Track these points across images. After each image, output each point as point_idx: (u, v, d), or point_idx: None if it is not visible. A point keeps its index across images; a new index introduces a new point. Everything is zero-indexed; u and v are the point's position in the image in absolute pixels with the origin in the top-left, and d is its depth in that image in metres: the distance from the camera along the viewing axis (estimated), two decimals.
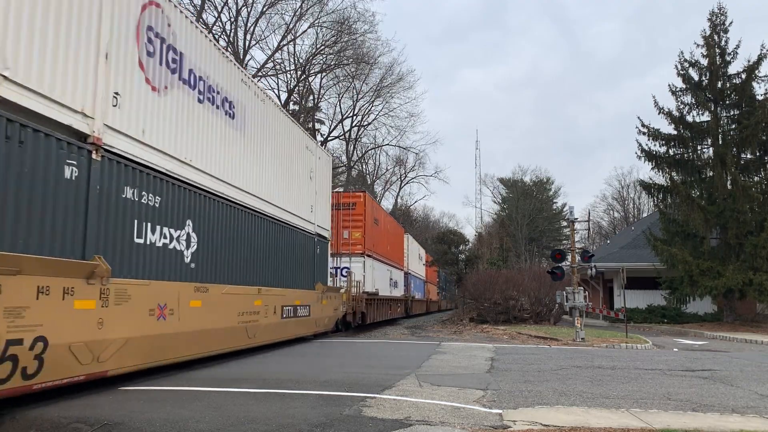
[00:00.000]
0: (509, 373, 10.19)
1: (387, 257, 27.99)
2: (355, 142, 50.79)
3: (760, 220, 26.20)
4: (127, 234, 8.30)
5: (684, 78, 29.64)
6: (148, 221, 8.83)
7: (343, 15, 36.84)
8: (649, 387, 8.86)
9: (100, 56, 7.75)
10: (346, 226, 22.92)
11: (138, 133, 8.64)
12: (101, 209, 7.71)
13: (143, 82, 8.83)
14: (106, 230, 7.80)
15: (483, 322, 26.26)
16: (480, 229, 72.53)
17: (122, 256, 8.13)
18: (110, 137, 7.98)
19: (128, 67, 8.45)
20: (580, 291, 19.27)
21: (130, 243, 8.34)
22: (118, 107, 8.18)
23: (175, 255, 9.60)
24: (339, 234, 22.49)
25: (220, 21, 32.99)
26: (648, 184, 31.22)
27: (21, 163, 6.40)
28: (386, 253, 27.85)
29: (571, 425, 6.03)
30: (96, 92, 7.68)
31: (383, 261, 26.91)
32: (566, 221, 31.63)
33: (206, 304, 10.23)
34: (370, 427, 5.74)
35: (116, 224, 8.05)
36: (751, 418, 6.66)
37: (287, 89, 39.48)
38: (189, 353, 9.79)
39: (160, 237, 9.16)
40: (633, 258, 31.84)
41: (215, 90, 11.26)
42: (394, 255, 30.40)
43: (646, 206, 65.12)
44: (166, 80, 9.47)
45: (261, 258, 13.29)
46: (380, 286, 25.44)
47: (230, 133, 11.96)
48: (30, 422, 5.83)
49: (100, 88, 7.75)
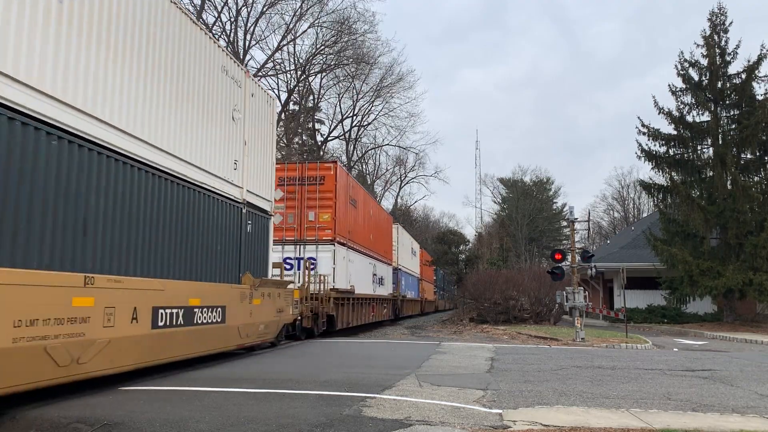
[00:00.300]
0: (509, 373, 10.19)
1: (370, 248, 24.16)
2: (355, 142, 50.85)
3: (760, 220, 26.20)
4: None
5: (684, 78, 29.64)
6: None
7: (343, 15, 36.92)
8: (649, 387, 8.86)
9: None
10: (311, 206, 18.64)
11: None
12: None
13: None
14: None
15: (483, 322, 26.26)
16: (480, 229, 72.63)
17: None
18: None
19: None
20: (580, 291, 19.26)
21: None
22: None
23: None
24: (303, 216, 18.58)
25: (220, 21, 33.03)
26: (648, 184, 31.23)
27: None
28: (368, 244, 23.91)
29: (571, 425, 6.03)
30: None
31: (364, 252, 23.00)
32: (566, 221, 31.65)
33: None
34: (370, 427, 5.74)
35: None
36: (751, 418, 6.66)
37: (287, 89, 39.53)
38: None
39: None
40: (633, 258, 31.83)
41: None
42: (379, 246, 26.51)
43: (646, 206, 65.18)
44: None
45: (118, 228, 8.05)
46: (358, 282, 21.53)
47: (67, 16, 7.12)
48: (30, 422, 5.83)
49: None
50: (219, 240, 11.15)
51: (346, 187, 20.40)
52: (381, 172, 60.73)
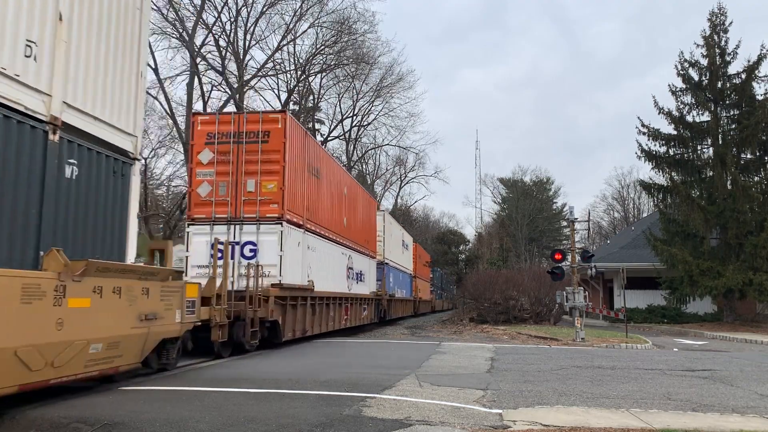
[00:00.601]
0: (509, 373, 10.19)
1: (343, 235, 19.60)
2: (355, 142, 50.80)
3: (760, 220, 26.21)
4: None
5: (684, 78, 29.65)
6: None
7: (343, 15, 36.85)
8: (649, 387, 8.86)
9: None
10: (251, 172, 13.83)
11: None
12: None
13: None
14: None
15: (483, 322, 26.27)
16: (480, 229, 72.72)
17: None
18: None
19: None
20: (580, 291, 19.26)
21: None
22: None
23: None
24: (239, 185, 13.80)
25: (220, 21, 32.99)
26: (648, 184, 31.25)
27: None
28: (340, 229, 19.33)
29: (571, 425, 6.03)
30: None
31: (332, 239, 18.31)
32: (566, 221, 31.65)
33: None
34: (370, 427, 5.74)
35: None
36: (751, 418, 6.66)
37: (287, 89, 39.49)
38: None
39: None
40: (633, 258, 31.83)
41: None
42: (358, 235, 21.88)
43: (646, 206, 65.16)
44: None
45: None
46: (322, 276, 16.72)
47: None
48: (30, 422, 5.83)
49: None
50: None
51: (302, 149, 15.28)
52: (381, 172, 60.66)
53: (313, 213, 16.21)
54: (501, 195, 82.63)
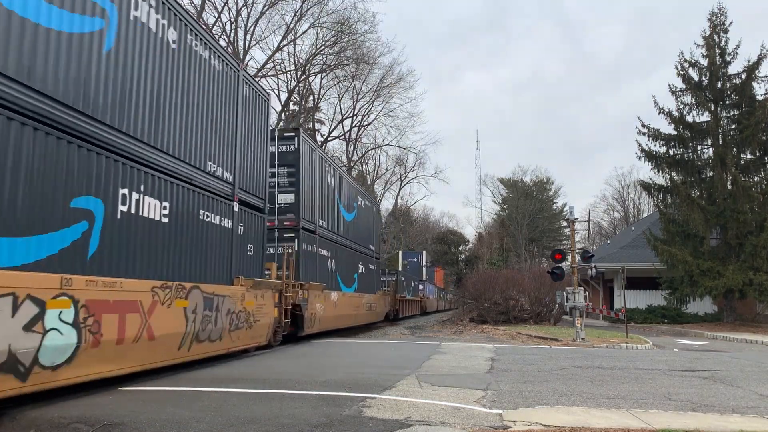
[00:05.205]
0: (509, 374, 10.18)
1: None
2: (355, 142, 50.77)
3: (760, 220, 26.20)
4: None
5: (684, 78, 29.63)
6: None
7: (343, 15, 36.86)
8: (649, 387, 8.86)
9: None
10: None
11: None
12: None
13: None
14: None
15: (483, 322, 26.26)
16: (480, 230, 72.66)
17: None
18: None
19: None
20: (580, 291, 19.26)
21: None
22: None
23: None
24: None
25: (220, 21, 33.01)
26: (648, 184, 31.23)
27: None
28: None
29: (572, 425, 6.03)
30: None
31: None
32: (566, 221, 31.64)
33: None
34: (370, 428, 5.74)
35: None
36: (751, 418, 6.65)
37: (287, 89, 39.52)
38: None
39: None
40: (633, 258, 31.83)
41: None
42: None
43: (646, 206, 65.21)
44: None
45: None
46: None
47: None
48: (30, 422, 5.83)
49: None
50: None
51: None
52: (381, 173, 60.62)
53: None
54: (501, 195, 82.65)
